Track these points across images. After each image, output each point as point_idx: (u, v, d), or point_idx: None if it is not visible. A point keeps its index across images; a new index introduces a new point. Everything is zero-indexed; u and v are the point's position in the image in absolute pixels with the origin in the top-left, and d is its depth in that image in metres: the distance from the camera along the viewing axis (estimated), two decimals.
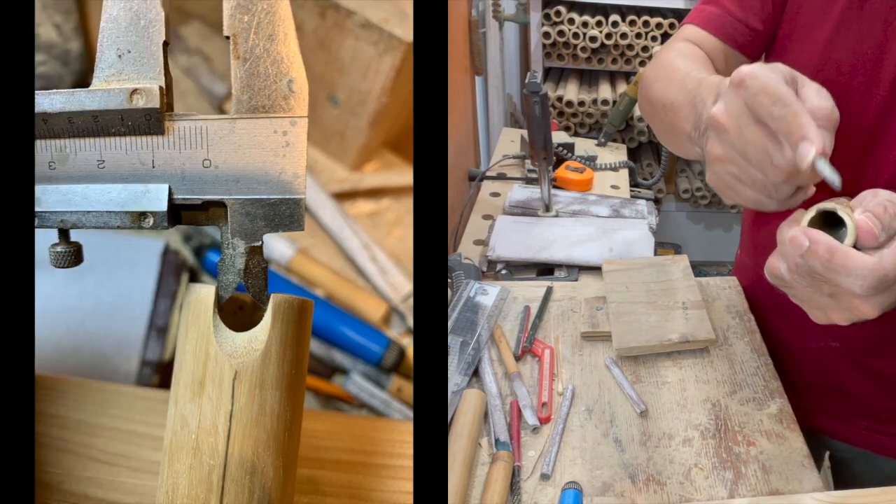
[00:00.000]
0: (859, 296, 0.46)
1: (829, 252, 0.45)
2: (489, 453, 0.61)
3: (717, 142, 0.51)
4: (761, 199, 0.50)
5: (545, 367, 0.71)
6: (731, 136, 0.49)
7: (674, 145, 0.67)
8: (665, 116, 0.63)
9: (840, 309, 0.49)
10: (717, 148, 0.51)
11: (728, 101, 0.49)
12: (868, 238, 0.46)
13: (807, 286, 0.49)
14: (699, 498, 0.57)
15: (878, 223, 0.46)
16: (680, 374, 0.70)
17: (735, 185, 0.51)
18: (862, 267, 0.45)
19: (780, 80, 0.47)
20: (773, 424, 0.63)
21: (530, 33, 1.95)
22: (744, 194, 0.51)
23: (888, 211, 0.47)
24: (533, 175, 1.22)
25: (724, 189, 0.52)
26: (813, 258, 0.46)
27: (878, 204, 0.47)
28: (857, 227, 0.47)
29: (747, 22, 0.70)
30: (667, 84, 0.64)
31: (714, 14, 0.72)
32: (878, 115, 0.64)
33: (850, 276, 0.45)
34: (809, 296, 0.49)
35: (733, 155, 0.50)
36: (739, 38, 0.71)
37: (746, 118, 0.48)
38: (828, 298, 0.49)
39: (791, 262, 0.48)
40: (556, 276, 0.92)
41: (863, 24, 0.63)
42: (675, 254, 0.96)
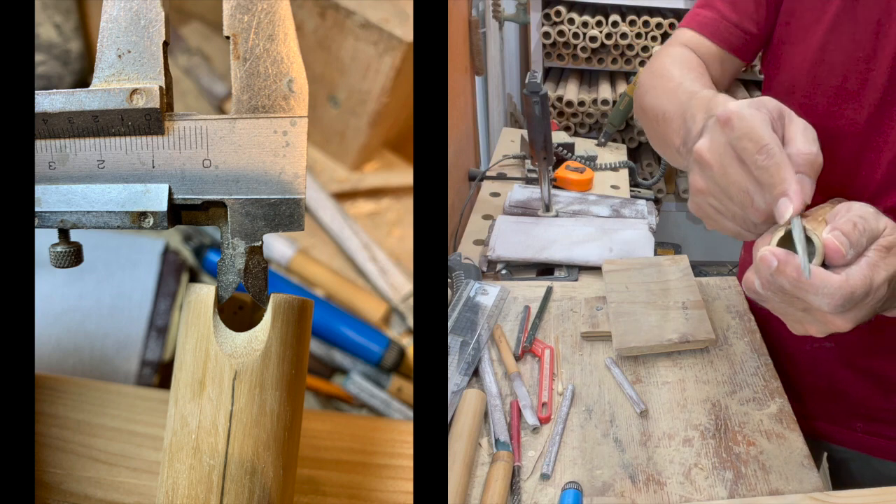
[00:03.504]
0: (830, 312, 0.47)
1: (796, 272, 0.46)
2: (489, 453, 0.61)
3: (701, 176, 0.52)
4: (741, 231, 0.52)
5: (545, 367, 0.71)
6: (714, 172, 0.50)
7: (665, 154, 0.68)
8: (657, 126, 0.65)
9: (815, 322, 0.49)
10: (700, 181, 0.52)
11: (713, 138, 0.50)
12: (835, 257, 0.47)
13: (780, 301, 0.49)
14: (699, 498, 0.57)
15: (846, 241, 0.47)
16: (680, 374, 0.70)
17: (716, 217, 0.53)
18: (828, 286, 0.46)
19: (766, 124, 0.48)
20: (773, 424, 0.64)
21: (530, 33, 1.95)
22: (724, 226, 0.53)
23: (857, 227, 0.47)
24: (533, 175, 1.22)
25: (706, 218, 0.54)
26: (781, 277, 0.47)
27: (848, 220, 0.48)
28: (825, 246, 0.47)
29: (742, 25, 0.71)
30: (660, 93, 0.66)
31: (709, 18, 0.72)
32: (870, 118, 0.64)
33: (818, 295, 0.46)
34: (784, 310, 0.50)
35: (715, 190, 0.51)
36: (734, 42, 0.71)
37: (730, 157, 0.49)
38: (802, 313, 0.49)
39: (763, 279, 0.49)
40: (556, 276, 0.92)
41: (856, 27, 0.63)
42: (675, 254, 0.96)
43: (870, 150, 0.65)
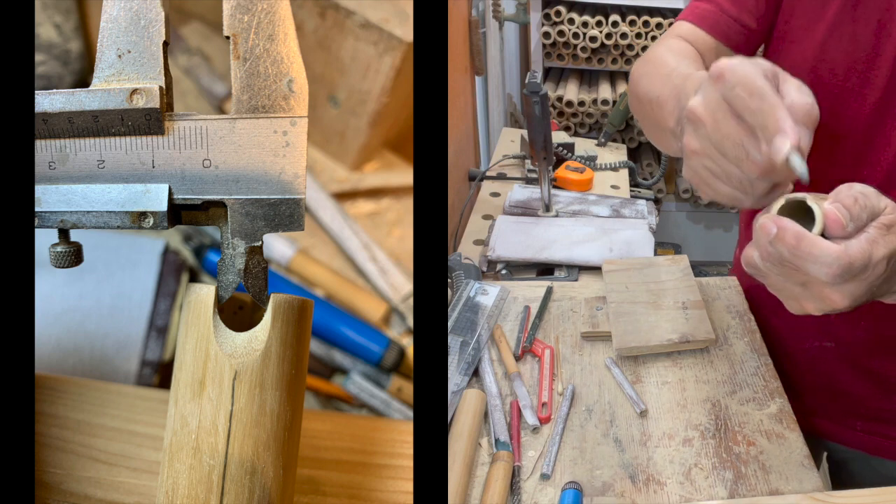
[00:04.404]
0: (828, 284, 0.47)
1: (795, 239, 0.46)
2: (489, 453, 0.61)
3: (694, 135, 0.50)
4: (737, 195, 0.50)
5: (545, 367, 0.71)
6: (707, 129, 0.49)
7: (658, 140, 0.67)
8: (651, 111, 0.63)
9: (812, 298, 0.49)
10: (694, 141, 0.50)
11: (706, 94, 0.49)
12: (835, 227, 0.47)
13: (778, 274, 0.49)
14: (699, 498, 0.57)
15: (847, 213, 0.47)
16: (680, 374, 0.70)
17: (711, 180, 0.51)
18: (827, 254, 0.45)
19: (760, 74, 0.47)
20: (773, 424, 0.64)
21: (530, 33, 1.95)
22: (720, 190, 0.51)
23: (858, 202, 0.47)
24: (533, 175, 1.22)
25: (700, 184, 0.52)
26: (780, 245, 0.46)
27: (849, 195, 0.47)
28: (825, 216, 0.47)
29: (741, 20, 0.70)
30: (654, 79, 0.64)
31: (708, 11, 0.72)
32: (872, 116, 0.64)
33: (816, 264, 0.46)
34: (782, 285, 0.50)
35: (709, 149, 0.50)
36: (733, 36, 0.71)
37: (724, 112, 0.48)
38: (800, 288, 0.49)
39: (763, 250, 0.48)
40: (556, 276, 0.92)
41: (857, 26, 0.63)
42: (675, 254, 0.96)
43: (871, 148, 0.65)
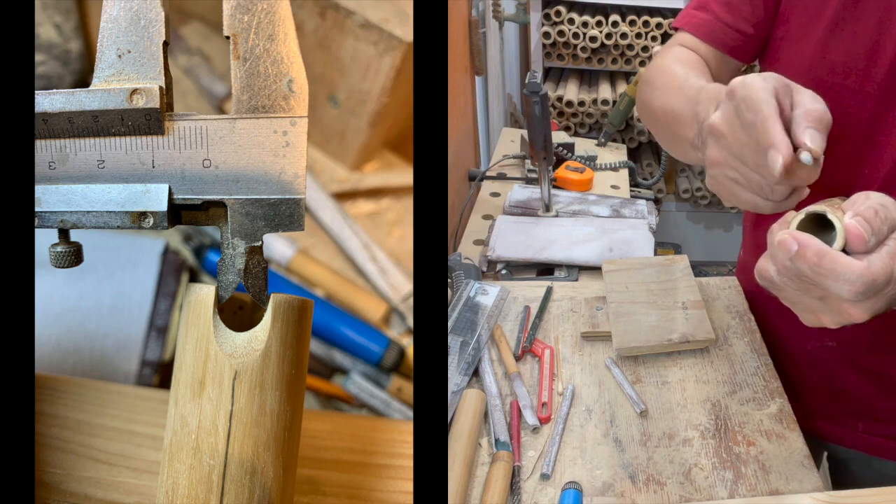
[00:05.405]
0: (848, 300, 0.46)
1: (817, 256, 0.45)
2: (489, 453, 0.61)
3: (716, 147, 0.53)
4: (757, 201, 0.52)
5: (545, 367, 0.71)
6: (727, 140, 0.51)
7: (676, 151, 0.68)
8: (668, 125, 0.65)
9: (830, 312, 0.48)
10: (716, 153, 0.53)
11: (724, 109, 0.52)
12: (857, 242, 0.46)
13: (795, 289, 0.49)
14: (699, 498, 0.57)
15: (868, 227, 0.46)
16: (680, 374, 0.70)
17: (733, 188, 0.53)
18: (851, 272, 0.45)
19: (764, 89, 0.49)
20: (773, 424, 0.64)
21: (530, 33, 1.95)
22: (741, 196, 0.53)
23: (879, 215, 0.47)
24: (533, 175, 1.22)
25: (723, 192, 0.54)
26: (801, 262, 0.46)
27: (869, 207, 0.47)
28: (847, 231, 0.46)
29: (738, 27, 0.71)
30: (666, 92, 0.66)
31: (704, 20, 0.72)
32: (872, 116, 0.64)
33: (839, 281, 0.45)
34: (799, 298, 0.49)
35: (730, 158, 0.52)
36: (730, 43, 0.72)
37: (738, 123, 0.50)
38: (818, 302, 0.48)
39: (780, 265, 0.48)
40: (556, 276, 0.92)
41: (857, 25, 0.63)
42: (675, 254, 0.96)
43: (872, 147, 0.64)
